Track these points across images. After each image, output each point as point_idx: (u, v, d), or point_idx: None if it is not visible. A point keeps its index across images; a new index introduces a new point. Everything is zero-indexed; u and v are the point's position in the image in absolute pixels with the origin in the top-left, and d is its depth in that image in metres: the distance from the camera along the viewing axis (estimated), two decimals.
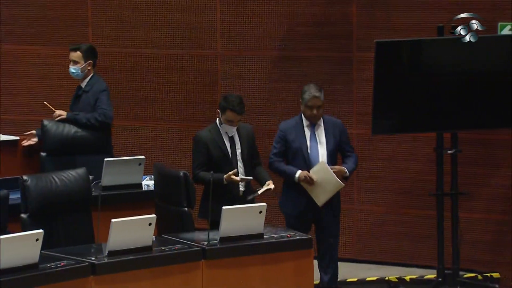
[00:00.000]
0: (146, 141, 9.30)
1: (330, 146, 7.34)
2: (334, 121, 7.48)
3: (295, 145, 7.32)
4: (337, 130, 7.40)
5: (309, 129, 7.36)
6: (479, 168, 8.27)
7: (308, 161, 7.30)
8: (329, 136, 7.36)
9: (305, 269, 6.79)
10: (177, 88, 9.20)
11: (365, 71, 8.48)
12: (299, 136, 7.33)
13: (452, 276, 8.03)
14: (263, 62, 8.92)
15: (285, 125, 7.44)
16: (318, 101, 7.29)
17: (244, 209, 6.77)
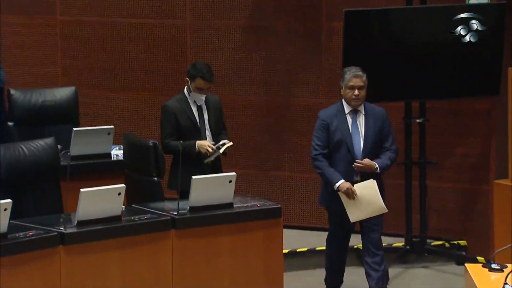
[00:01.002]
0: (115, 111, 9.26)
1: (370, 138, 6.88)
2: (377, 110, 6.99)
3: (337, 135, 6.86)
4: (378, 120, 6.93)
5: (351, 117, 6.90)
6: (447, 138, 8.31)
7: (352, 152, 6.85)
8: (369, 126, 6.90)
9: (274, 238, 6.82)
10: (146, 58, 9.15)
11: (334, 41, 8.46)
12: (341, 125, 6.87)
13: (420, 244, 8.09)
14: (232, 33, 8.89)
15: (325, 114, 6.97)
16: (359, 81, 6.87)
17: (214, 179, 6.77)
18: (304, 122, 8.74)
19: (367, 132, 6.84)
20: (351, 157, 6.80)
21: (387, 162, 6.87)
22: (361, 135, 6.83)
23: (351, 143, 6.81)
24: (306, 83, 8.73)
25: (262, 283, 6.78)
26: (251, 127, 8.87)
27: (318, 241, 8.38)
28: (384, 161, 6.86)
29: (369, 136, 6.84)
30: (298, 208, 8.74)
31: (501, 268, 4.58)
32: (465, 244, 8.23)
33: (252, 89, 8.89)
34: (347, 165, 6.82)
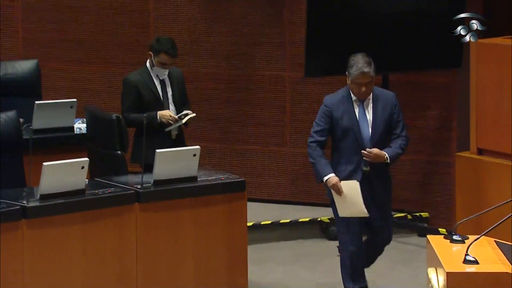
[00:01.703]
0: (78, 84, 9.20)
1: (378, 125, 6.42)
2: (386, 95, 6.53)
3: (343, 123, 6.40)
4: (388, 106, 6.46)
5: (357, 104, 6.43)
6: (409, 110, 8.34)
7: (360, 140, 6.42)
8: (377, 113, 6.43)
9: (238, 211, 6.84)
10: (108, 31, 9.09)
11: (297, 13, 8.45)
12: (347, 113, 6.41)
13: None
14: (194, 5, 8.84)
15: (330, 100, 6.49)
16: (366, 77, 6.35)
17: (178, 152, 6.78)
18: (267, 95, 8.74)
19: (376, 119, 6.40)
20: (359, 146, 6.37)
21: (397, 151, 6.43)
22: (369, 122, 6.40)
23: (358, 131, 6.38)
24: (268, 56, 8.71)
25: (225, 256, 6.80)
26: (214, 100, 8.85)
27: (282, 214, 8.42)
28: (395, 150, 6.42)
29: (378, 123, 6.40)
30: (262, 181, 8.75)
31: (462, 240, 4.62)
32: (427, 216, 8.29)
33: (214, 62, 8.86)
34: (355, 154, 6.40)
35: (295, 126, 8.74)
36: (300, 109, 8.71)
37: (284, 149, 8.77)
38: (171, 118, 7.09)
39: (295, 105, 8.67)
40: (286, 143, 8.77)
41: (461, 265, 4.34)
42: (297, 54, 8.33)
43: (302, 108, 8.70)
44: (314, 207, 8.54)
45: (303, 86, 8.64)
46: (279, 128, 8.76)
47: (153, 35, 8.62)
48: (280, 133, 8.76)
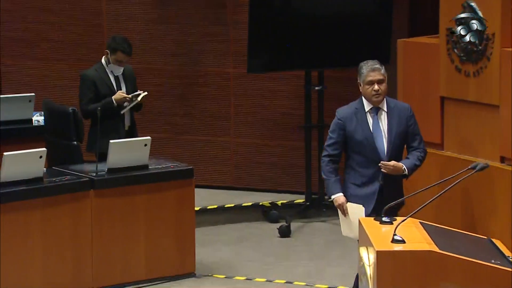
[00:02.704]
0: (36, 79, 9.07)
1: (394, 138, 5.72)
2: (400, 107, 5.82)
3: (357, 135, 5.72)
4: (403, 118, 5.76)
5: (371, 116, 5.73)
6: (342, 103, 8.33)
7: (375, 153, 5.71)
8: (392, 125, 5.73)
9: (186, 196, 6.82)
10: (65, 29, 8.97)
11: (240, 13, 8.43)
12: (361, 125, 5.72)
13: (318, 200, 8.17)
14: (144, 5, 8.78)
15: (343, 112, 5.81)
16: (378, 74, 5.72)
17: (130, 143, 6.76)
18: (212, 89, 8.72)
19: (391, 132, 5.70)
20: (374, 159, 5.68)
21: (415, 162, 5.73)
22: (384, 135, 5.71)
23: (373, 143, 5.69)
24: (214, 54, 8.69)
25: (175, 238, 6.79)
26: (164, 94, 8.81)
27: (227, 199, 8.41)
28: (412, 162, 5.72)
29: (393, 136, 5.71)
30: (208, 169, 8.73)
31: (390, 221, 4.64)
32: None
33: (163, 59, 8.82)
34: (370, 167, 5.70)
35: (238, 119, 8.73)
36: (243, 102, 8.70)
37: (228, 139, 8.75)
38: (125, 98, 7.03)
39: (238, 99, 8.66)
40: (230, 134, 8.76)
41: (389, 244, 4.36)
42: (240, 51, 8.30)
43: (245, 101, 8.69)
44: (256, 192, 8.56)
45: (246, 81, 8.63)
46: (224, 120, 8.74)
47: (106, 34, 8.54)
48: (225, 124, 8.74)
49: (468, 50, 6.06)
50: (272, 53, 7.85)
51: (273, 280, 6.86)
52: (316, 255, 7.39)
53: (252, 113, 8.70)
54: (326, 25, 7.80)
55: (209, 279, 6.87)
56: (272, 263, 7.22)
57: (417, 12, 8.09)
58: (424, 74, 6.41)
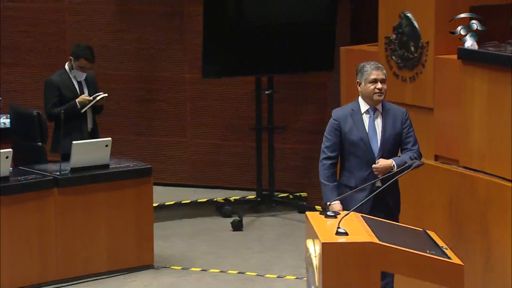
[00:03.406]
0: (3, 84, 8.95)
1: (388, 139, 5.33)
2: (396, 110, 5.43)
3: (353, 135, 5.33)
4: (398, 121, 5.38)
5: (367, 116, 5.37)
6: (290, 106, 8.39)
7: (370, 153, 5.31)
8: (387, 126, 5.35)
9: (145, 193, 6.80)
10: (28, 37, 8.87)
11: (195, 22, 8.40)
12: (357, 125, 5.34)
13: (269, 196, 8.18)
14: (105, 15, 8.72)
15: (338, 113, 5.43)
16: (381, 73, 5.34)
17: (92, 143, 6.73)
18: (170, 93, 8.69)
19: (385, 133, 5.33)
20: (369, 159, 5.29)
21: (405, 160, 5.28)
22: (378, 136, 5.34)
23: (368, 143, 5.30)
24: (171, 60, 8.66)
25: (134, 233, 6.76)
26: (124, 98, 8.75)
27: (183, 196, 8.38)
28: (403, 159, 5.29)
29: (387, 137, 5.33)
30: (166, 167, 8.69)
31: (335, 215, 4.65)
32: (305, 195, 8.36)
33: (123, 65, 8.76)
34: (365, 168, 5.31)
35: (194, 121, 8.71)
36: (199, 105, 8.68)
37: (185, 140, 8.73)
38: (88, 101, 6.99)
39: (194, 102, 8.64)
40: (187, 135, 8.73)
41: (334, 236, 4.37)
42: (196, 58, 8.28)
43: (201, 105, 8.67)
44: (211, 189, 8.54)
45: (201, 86, 8.61)
46: (180, 122, 8.72)
47: (69, 42, 8.47)
48: (181, 126, 8.71)
49: (405, 57, 6.10)
50: (226, 59, 7.84)
51: (227, 271, 6.85)
52: (266, 247, 7.40)
53: (206, 116, 8.68)
54: (275, 33, 7.81)
55: (167, 271, 6.85)
56: (225, 255, 7.21)
57: (358, 22, 8.14)
58: None
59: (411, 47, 6.05)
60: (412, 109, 6.08)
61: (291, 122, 8.41)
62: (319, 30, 7.82)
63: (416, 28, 6.00)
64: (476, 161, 5.66)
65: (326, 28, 7.79)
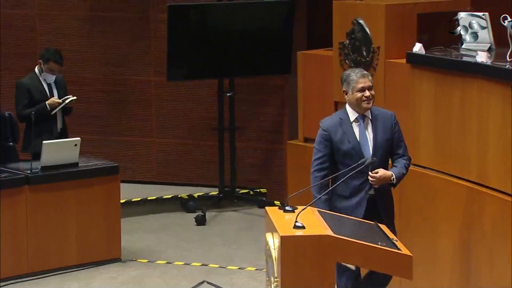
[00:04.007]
0: None
1: (380, 145, 4.99)
2: (384, 114, 5.08)
3: (344, 145, 4.96)
4: (388, 125, 5.03)
5: (357, 125, 5.01)
6: (251, 107, 8.39)
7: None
8: (378, 132, 5.00)
9: (113, 190, 6.76)
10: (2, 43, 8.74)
11: (160, 29, 8.36)
12: (347, 135, 4.97)
13: (230, 193, 8.17)
14: (75, 21, 8.64)
15: (327, 123, 5.03)
16: (368, 80, 4.98)
17: (62, 143, 6.67)
18: (136, 95, 8.64)
19: (376, 139, 4.98)
20: (362, 168, 4.89)
21: (402, 171, 5.00)
22: (370, 143, 4.98)
23: (360, 152, 4.94)
24: (137, 64, 8.61)
25: (103, 228, 6.72)
26: (92, 100, 8.68)
27: (149, 192, 8.33)
28: (400, 171, 4.99)
29: (379, 143, 4.98)
30: (133, 166, 8.63)
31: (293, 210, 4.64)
32: (265, 191, 8.35)
33: (92, 69, 8.69)
34: (358, 177, 4.93)
35: (159, 121, 8.66)
36: (164, 107, 8.63)
37: (150, 139, 8.68)
38: (58, 103, 6.94)
39: (159, 104, 8.60)
40: (152, 135, 8.69)
41: (291, 230, 4.36)
42: (161, 62, 8.23)
43: (166, 106, 8.63)
44: (175, 186, 8.50)
45: (166, 88, 8.57)
46: (146, 123, 8.67)
47: (39, 46, 8.37)
48: (148, 127, 8.66)
49: (357, 61, 6.12)
50: (189, 63, 7.82)
51: (191, 263, 6.83)
52: (228, 240, 7.38)
53: (171, 117, 8.64)
54: (236, 39, 7.80)
55: (134, 263, 6.80)
56: (189, 248, 7.19)
57: (314, 28, 8.16)
58: (320, 82, 6.46)
59: (363, 51, 6.08)
60: None
61: (251, 122, 8.40)
62: (277, 36, 7.83)
63: (368, 34, 6.02)
64: (423, 158, 5.69)
65: (284, 34, 7.80)
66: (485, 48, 5.37)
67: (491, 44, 5.42)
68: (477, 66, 5.24)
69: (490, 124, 5.16)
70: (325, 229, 4.37)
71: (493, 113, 5.15)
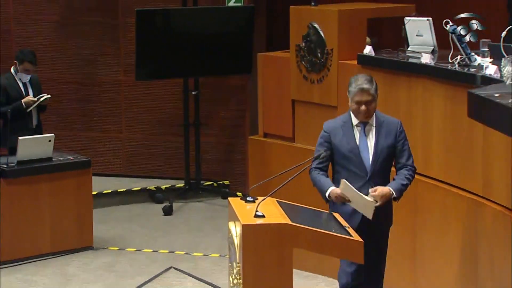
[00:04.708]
0: None
1: (380, 153, 4.62)
2: (389, 122, 4.69)
3: (343, 148, 4.64)
4: (392, 133, 4.65)
5: (358, 129, 4.66)
6: (215, 105, 8.38)
7: (361, 167, 4.63)
8: (379, 139, 4.63)
9: (85, 183, 6.72)
10: None
11: (129, 31, 8.31)
12: (347, 138, 4.65)
13: (196, 184, 8.15)
14: (49, 25, 8.55)
15: (329, 125, 4.75)
16: (366, 95, 4.59)
17: (37, 139, 6.61)
18: (107, 94, 8.58)
19: (377, 146, 4.61)
20: (360, 173, 4.61)
21: (402, 182, 4.61)
22: (370, 148, 4.63)
23: (358, 156, 4.61)
24: (108, 64, 8.55)
25: (76, 218, 6.68)
26: (66, 98, 8.61)
27: (119, 185, 8.28)
28: (399, 182, 4.61)
29: (379, 150, 4.61)
30: (104, 160, 8.58)
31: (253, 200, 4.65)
32: (228, 183, 8.36)
33: (65, 69, 8.62)
34: (356, 182, 4.60)
35: (128, 118, 8.61)
36: (133, 105, 8.59)
37: (120, 135, 8.63)
38: (32, 101, 6.87)
39: (128, 102, 8.56)
40: (122, 131, 8.64)
41: (252, 219, 4.37)
42: (130, 63, 8.19)
43: (134, 104, 8.59)
44: (144, 179, 8.47)
45: (134, 88, 8.52)
46: (116, 120, 8.62)
47: (16, 48, 8.26)
48: (118, 123, 8.61)
49: (313, 62, 6.15)
50: (156, 64, 7.78)
51: (158, 250, 6.81)
52: (194, 229, 7.38)
53: (140, 114, 8.60)
54: (200, 41, 7.79)
55: (105, 251, 6.77)
56: (157, 236, 7.17)
57: (273, 31, 8.18)
58: (279, 81, 6.47)
59: (318, 53, 6.10)
60: (319, 107, 6.14)
61: (215, 119, 8.40)
62: (238, 39, 7.83)
63: (322, 37, 6.05)
64: None
65: (245, 37, 7.80)
66: (429, 50, 5.43)
67: (434, 47, 5.47)
68: (421, 67, 5.30)
69: (434, 119, 5.22)
70: (284, 218, 4.38)
71: (436, 109, 5.22)
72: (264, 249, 4.27)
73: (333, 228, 4.39)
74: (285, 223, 4.31)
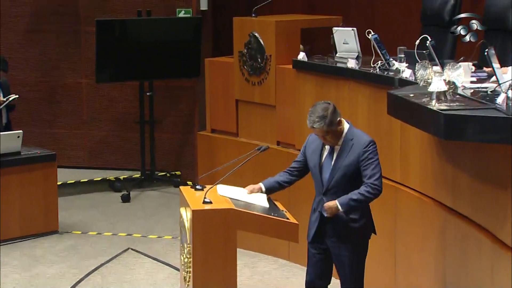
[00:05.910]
0: None
1: (338, 170, 4.19)
2: (358, 141, 4.20)
3: (310, 163, 4.31)
4: (355, 151, 4.18)
5: (327, 148, 4.27)
6: (168, 104, 8.34)
7: (320, 182, 4.27)
8: (341, 157, 4.19)
9: (51, 175, 6.64)
10: None
11: (90, 38, 8.20)
12: (315, 154, 4.29)
13: (151, 175, 8.10)
14: (16, 32, 8.39)
15: (311, 138, 4.36)
16: (318, 131, 4.18)
17: (6, 135, 6.48)
18: (70, 95, 8.47)
19: (336, 164, 4.19)
20: (319, 189, 4.27)
21: (352, 197, 4.12)
22: (330, 166, 4.23)
23: (318, 173, 4.25)
24: (70, 68, 8.44)
25: (42, 207, 6.59)
26: (33, 99, 8.47)
27: (82, 176, 8.17)
28: (349, 197, 4.14)
29: (337, 168, 4.19)
30: (68, 153, 8.46)
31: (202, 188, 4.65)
32: (179, 173, 8.33)
33: (33, 72, 8.47)
34: (318, 194, 4.30)
35: (90, 116, 8.51)
36: (93, 105, 8.49)
37: (82, 131, 8.53)
38: (1, 100, 6.78)
39: (90, 102, 8.45)
40: (84, 128, 8.53)
41: (201, 205, 4.37)
42: (91, 67, 8.08)
43: (95, 104, 8.49)
44: (104, 170, 8.37)
45: (95, 89, 8.42)
46: (79, 118, 8.51)
47: None
48: (80, 121, 8.50)
49: (254, 66, 6.17)
50: (115, 68, 7.73)
51: (117, 234, 6.75)
52: (149, 214, 7.33)
53: (100, 112, 8.51)
54: (154, 48, 7.75)
55: (69, 235, 6.69)
56: (116, 221, 7.10)
57: (219, 39, 8.18)
58: (224, 84, 6.48)
59: (258, 59, 6.13)
60: (260, 106, 6.16)
61: (167, 116, 8.36)
62: (188, 45, 7.83)
63: (262, 45, 6.07)
64: None
65: (194, 44, 7.80)
66: (354, 56, 5.50)
67: (359, 53, 5.55)
68: (348, 71, 5.37)
69: (359, 116, 5.29)
70: (229, 204, 4.40)
71: (361, 108, 5.29)
72: (211, 231, 4.28)
73: (272, 212, 4.42)
74: (230, 208, 4.32)
